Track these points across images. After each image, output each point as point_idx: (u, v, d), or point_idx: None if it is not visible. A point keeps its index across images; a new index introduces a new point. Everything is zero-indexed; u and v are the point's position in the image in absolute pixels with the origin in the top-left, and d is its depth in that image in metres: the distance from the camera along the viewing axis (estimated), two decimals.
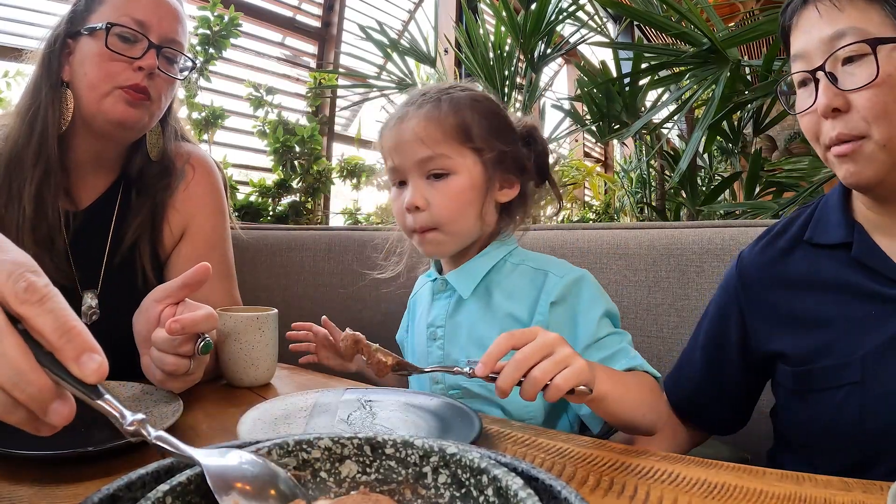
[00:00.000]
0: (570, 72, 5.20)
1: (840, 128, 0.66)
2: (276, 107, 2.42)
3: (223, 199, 1.05)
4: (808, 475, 0.52)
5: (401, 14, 3.58)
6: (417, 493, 0.36)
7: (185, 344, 0.66)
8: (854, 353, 0.68)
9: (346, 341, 0.67)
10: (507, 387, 0.56)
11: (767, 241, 0.82)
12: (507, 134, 0.87)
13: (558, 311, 0.81)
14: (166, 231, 0.96)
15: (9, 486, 0.49)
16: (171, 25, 0.89)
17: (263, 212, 2.32)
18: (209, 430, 0.65)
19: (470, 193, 0.83)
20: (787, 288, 0.77)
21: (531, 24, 2.09)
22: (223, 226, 1.04)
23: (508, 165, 0.86)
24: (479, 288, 0.86)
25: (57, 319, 0.38)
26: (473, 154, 0.84)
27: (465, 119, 0.83)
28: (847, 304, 0.71)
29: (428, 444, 0.37)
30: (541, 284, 0.83)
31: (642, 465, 0.55)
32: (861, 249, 0.71)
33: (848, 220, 0.74)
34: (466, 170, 0.83)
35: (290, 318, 1.00)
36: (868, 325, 0.69)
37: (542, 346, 0.58)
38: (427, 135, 0.82)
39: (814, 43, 0.68)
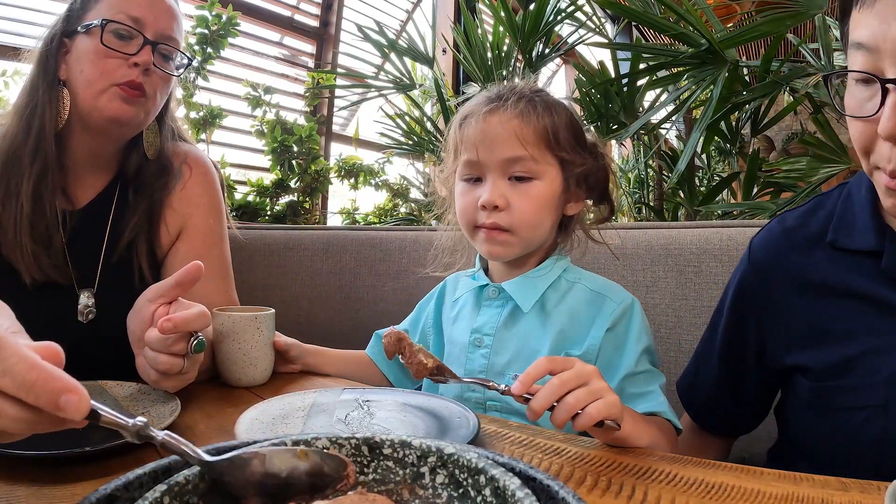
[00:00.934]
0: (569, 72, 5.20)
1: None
2: (274, 106, 2.42)
3: (220, 198, 1.05)
4: (806, 475, 0.52)
5: (399, 14, 3.58)
6: (415, 494, 0.36)
7: (178, 343, 0.66)
8: (878, 374, 0.63)
9: (390, 338, 0.66)
10: (541, 409, 0.57)
11: (783, 233, 0.74)
12: (585, 148, 0.87)
13: (609, 337, 0.81)
14: (163, 230, 0.95)
15: (6, 486, 0.49)
16: (166, 22, 0.89)
17: (261, 211, 2.32)
18: (207, 430, 0.65)
19: (550, 201, 0.83)
20: (807, 292, 0.70)
21: (529, 24, 2.09)
22: (220, 225, 1.03)
23: (581, 179, 0.86)
24: (536, 303, 0.85)
25: (14, 379, 0.36)
26: (558, 162, 0.84)
27: (556, 125, 0.83)
28: (873, 319, 0.64)
29: (426, 444, 0.37)
30: (598, 308, 0.83)
31: (640, 465, 0.55)
32: (893, 261, 0.63)
33: (878, 225, 0.65)
34: (550, 177, 0.83)
35: (288, 319, 1.01)
36: (894, 344, 0.63)
37: (579, 375, 0.58)
38: (522, 134, 0.81)
39: (891, 40, 0.55)
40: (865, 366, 0.64)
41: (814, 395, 0.69)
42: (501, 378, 0.83)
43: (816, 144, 1.61)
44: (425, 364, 0.63)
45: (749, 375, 0.79)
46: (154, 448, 0.58)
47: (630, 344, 0.80)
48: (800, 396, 0.72)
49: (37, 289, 0.84)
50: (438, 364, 0.64)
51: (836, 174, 1.55)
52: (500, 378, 0.83)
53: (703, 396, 0.85)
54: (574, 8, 2.12)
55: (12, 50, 0.98)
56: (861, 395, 0.64)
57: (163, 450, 0.37)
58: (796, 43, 1.77)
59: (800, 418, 0.73)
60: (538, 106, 0.83)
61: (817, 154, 1.60)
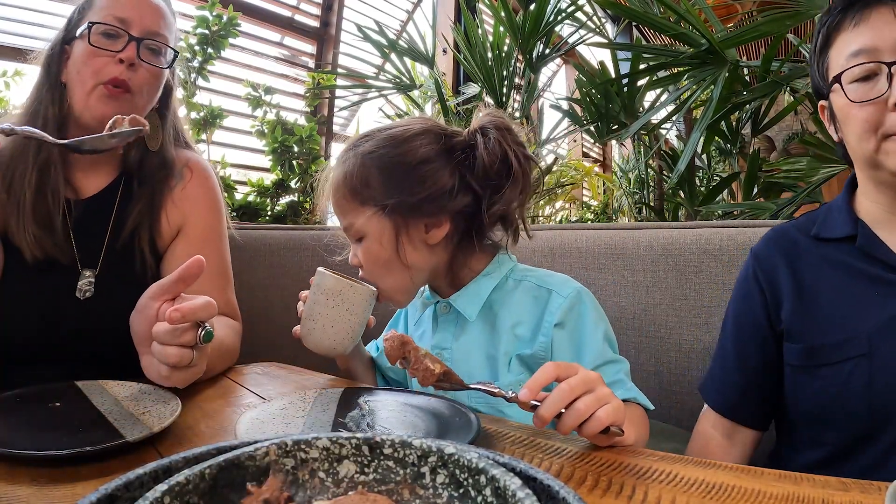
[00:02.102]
0: (569, 72, 5.20)
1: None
2: (274, 107, 2.42)
3: (220, 200, 1.07)
4: (806, 475, 0.52)
5: (399, 14, 3.58)
6: (415, 494, 0.36)
7: (186, 333, 0.67)
8: (861, 327, 0.74)
9: (393, 342, 0.62)
10: (549, 416, 0.57)
11: (777, 232, 0.88)
12: (414, 178, 0.82)
13: (561, 333, 0.81)
14: (164, 221, 0.98)
15: (6, 485, 0.49)
16: (152, 19, 0.93)
17: (262, 212, 2.32)
18: (207, 429, 0.65)
19: (382, 252, 0.83)
20: (796, 263, 0.83)
21: (530, 24, 2.09)
22: (219, 225, 1.05)
23: (426, 208, 0.82)
24: (483, 308, 0.85)
25: None
26: (375, 209, 0.82)
27: (362, 177, 0.82)
28: (852, 286, 0.77)
29: (426, 444, 0.37)
30: (544, 303, 0.83)
31: (640, 464, 0.55)
32: (865, 240, 0.78)
33: (852, 216, 0.81)
34: (372, 227, 0.83)
35: (289, 318, 1.00)
36: (872, 305, 0.75)
37: (586, 381, 0.58)
38: (337, 204, 0.85)
39: (889, 41, 0.72)
40: (849, 323, 0.76)
41: (803, 357, 0.79)
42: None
43: (817, 144, 1.61)
44: (433, 370, 0.60)
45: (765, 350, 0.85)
46: (154, 448, 0.58)
47: (587, 336, 0.81)
48: (791, 364, 0.82)
49: (39, 266, 0.88)
50: (446, 370, 0.61)
51: (836, 174, 1.55)
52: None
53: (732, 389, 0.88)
54: (574, 8, 2.12)
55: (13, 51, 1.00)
56: (847, 347, 0.75)
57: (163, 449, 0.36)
58: (796, 43, 1.77)
59: (793, 386, 0.82)
60: (345, 166, 0.84)
61: (817, 154, 1.60)
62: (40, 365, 0.86)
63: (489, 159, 0.82)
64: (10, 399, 0.67)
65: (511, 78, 2.27)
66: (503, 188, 0.83)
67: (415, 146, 0.83)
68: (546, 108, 2.70)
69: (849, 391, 0.74)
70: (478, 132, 0.84)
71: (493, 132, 0.83)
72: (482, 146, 0.83)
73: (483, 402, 0.82)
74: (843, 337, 0.75)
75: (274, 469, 0.36)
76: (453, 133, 0.86)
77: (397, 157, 0.83)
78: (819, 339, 0.78)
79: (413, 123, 0.87)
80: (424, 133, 0.84)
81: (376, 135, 0.86)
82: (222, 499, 0.34)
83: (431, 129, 0.85)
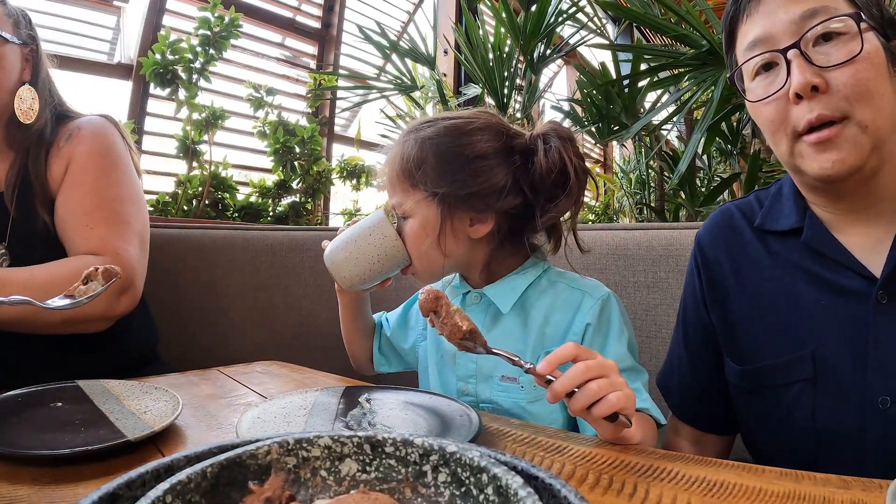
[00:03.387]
0: (570, 73, 5.20)
1: (820, 108, 0.61)
2: (276, 107, 2.42)
3: (111, 151, 1.08)
4: (808, 473, 0.52)
5: (400, 15, 3.59)
6: (417, 492, 0.36)
7: None
8: (805, 348, 0.67)
9: (428, 294, 0.62)
10: (563, 391, 0.58)
11: (724, 215, 0.80)
12: (468, 171, 0.83)
13: (590, 333, 0.82)
14: (50, 181, 1.02)
15: (8, 485, 0.49)
16: None
17: (263, 212, 2.33)
18: (209, 428, 0.65)
19: (423, 234, 0.84)
20: (739, 259, 0.75)
21: (531, 25, 2.10)
22: (98, 169, 1.05)
23: (475, 203, 0.83)
24: (516, 304, 0.86)
25: None
26: (426, 194, 0.83)
27: (418, 160, 0.84)
28: (797, 291, 0.69)
29: (428, 442, 0.37)
30: (577, 305, 0.84)
31: (642, 462, 0.55)
32: (813, 233, 0.69)
33: (801, 207, 0.71)
34: (419, 210, 0.84)
35: (290, 318, 1.01)
36: (817, 316, 0.67)
37: (602, 366, 0.60)
38: (390, 181, 0.87)
39: (781, 25, 0.64)
40: (791, 340, 0.68)
41: (745, 377, 0.73)
42: (490, 381, 0.85)
43: None
44: (460, 326, 0.59)
45: (707, 359, 0.81)
46: (156, 447, 0.58)
47: (612, 339, 0.81)
48: (734, 384, 0.76)
49: None
50: (473, 328, 0.60)
51: None
52: (488, 381, 0.85)
53: (691, 396, 0.85)
54: (575, 9, 2.12)
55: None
56: (789, 371, 0.68)
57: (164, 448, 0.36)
58: None
59: (740, 408, 0.77)
60: (403, 146, 0.86)
61: None
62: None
63: (547, 167, 0.83)
64: (12, 399, 0.67)
65: (512, 79, 2.28)
66: (557, 197, 0.84)
67: (474, 140, 0.84)
68: (547, 108, 2.71)
69: (794, 417, 0.67)
70: (539, 138, 0.85)
71: (554, 140, 0.84)
72: (542, 152, 0.84)
73: (506, 398, 0.83)
74: (786, 358, 0.68)
75: (276, 468, 0.36)
76: (515, 134, 0.87)
77: (455, 148, 0.84)
78: (760, 358, 0.71)
79: (477, 117, 0.88)
80: (486, 128, 0.86)
81: (440, 122, 0.87)
82: (224, 497, 0.34)
83: (494, 125, 0.86)
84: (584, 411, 0.59)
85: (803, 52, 0.62)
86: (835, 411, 0.65)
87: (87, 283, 0.72)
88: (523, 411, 0.82)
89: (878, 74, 0.61)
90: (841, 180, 0.64)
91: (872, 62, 0.61)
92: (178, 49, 2.06)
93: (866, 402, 0.63)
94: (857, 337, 0.64)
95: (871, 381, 0.63)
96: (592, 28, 2.18)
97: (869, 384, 0.63)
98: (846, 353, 0.64)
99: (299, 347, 1.42)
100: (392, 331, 1.05)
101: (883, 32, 0.63)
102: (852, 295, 0.65)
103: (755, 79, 0.68)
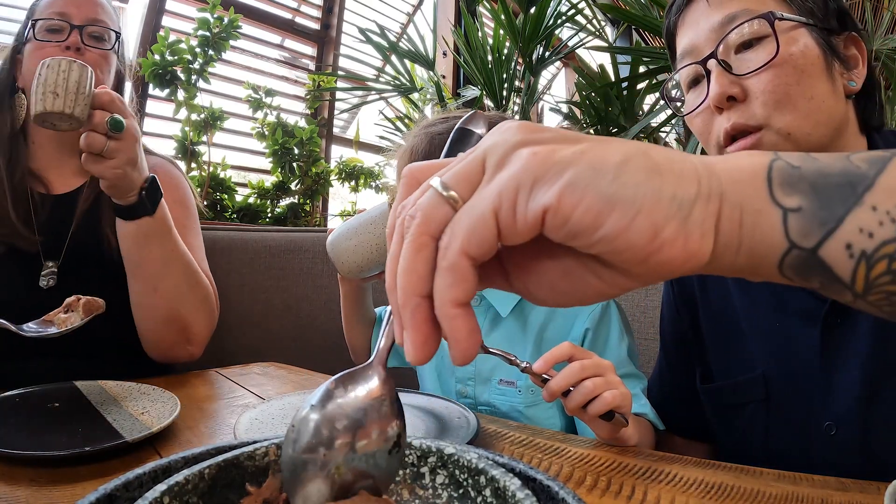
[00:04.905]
0: (569, 75, 5.20)
1: (736, 117, 0.59)
2: (275, 109, 2.42)
3: (187, 196, 1.10)
4: (805, 475, 0.52)
5: (399, 17, 3.59)
6: (415, 494, 0.36)
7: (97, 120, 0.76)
8: (757, 369, 0.66)
9: None
10: (559, 389, 0.59)
11: None
12: None
13: (589, 338, 0.82)
14: None
15: (6, 486, 0.49)
16: (90, 10, 0.97)
17: (262, 213, 2.32)
18: (206, 429, 0.65)
19: None
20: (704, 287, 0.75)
21: (530, 27, 2.10)
22: (185, 217, 1.07)
23: None
24: (516, 308, 0.87)
25: None
26: None
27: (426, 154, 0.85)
28: (754, 307, 0.68)
29: (426, 444, 0.37)
30: (577, 310, 0.84)
31: (640, 465, 0.55)
32: None
33: None
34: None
35: (289, 320, 1.01)
36: (771, 334, 0.65)
37: (598, 366, 0.60)
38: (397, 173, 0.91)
39: (703, 34, 0.62)
40: (747, 359, 0.67)
41: (707, 396, 0.73)
42: (488, 384, 0.85)
43: None
44: None
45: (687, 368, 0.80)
46: (154, 448, 0.58)
47: (612, 344, 0.82)
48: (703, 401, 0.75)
49: (4, 255, 0.92)
50: None
51: None
52: (486, 384, 0.85)
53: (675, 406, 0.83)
54: (574, 11, 2.12)
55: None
56: (744, 390, 0.67)
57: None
58: None
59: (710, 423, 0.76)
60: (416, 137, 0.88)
61: None
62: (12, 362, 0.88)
63: None
64: (10, 399, 0.67)
65: (511, 81, 2.28)
66: None
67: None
68: (546, 111, 2.71)
69: (749, 438, 0.67)
70: None
71: None
72: None
73: (503, 401, 0.83)
74: (740, 378, 0.67)
75: (273, 469, 0.36)
76: None
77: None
78: (719, 377, 0.71)
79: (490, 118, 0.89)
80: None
81: (451, 120, 0.89)
82: (221, 499, 0.34)
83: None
84: (580, 410, 0.59)
85: (721, 61, 0.60)
86: (784, 434, 0.64)
87: (67, 313, 0.72)
88: (520, 415, 0.82)
89: (801, 78, 0.57)
90: None
91: (795, 65, 0.57)
92: (178, 50, 2.06)
93: (813, 426, 0.61)
94: (807, 359, 0.62)
95: (818, 405, 0.61)
96: (591, 30, 2.19)
97: (816, 408, 0.61)
98: (797, 374, 0.63)
99: (297, 349, 1.42)
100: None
101: (825, 27, 0.59)
102: (804, 315, 0.63)
103: (689, 93, 0.66)
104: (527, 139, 0.26)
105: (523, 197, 0.25)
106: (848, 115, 0.61)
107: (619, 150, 0.26)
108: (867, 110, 0.63)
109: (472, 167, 0.27)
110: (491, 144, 0.27)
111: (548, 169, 0.25)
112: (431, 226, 0.26)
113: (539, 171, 0.25)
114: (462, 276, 0.25)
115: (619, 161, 0.25)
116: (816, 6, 0.60)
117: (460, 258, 0.25)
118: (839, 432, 0.60)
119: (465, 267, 0.25)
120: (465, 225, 0.25)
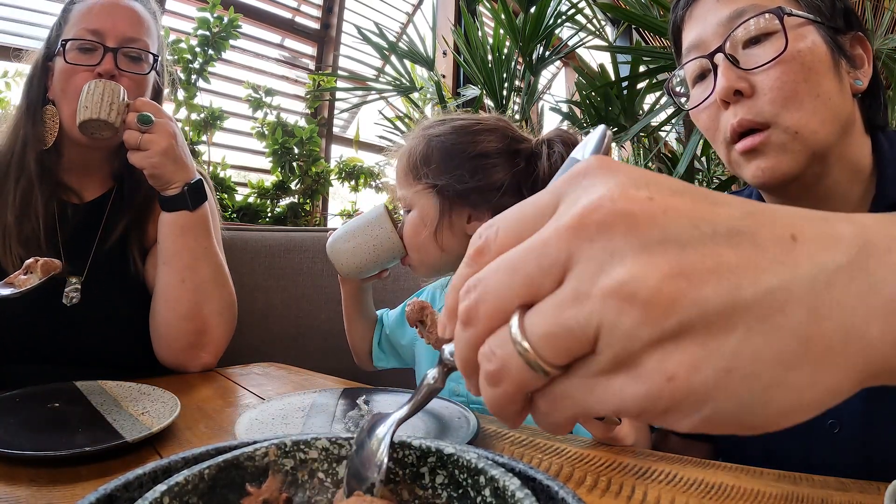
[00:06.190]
0: (569, 75, 5.20)
1: (742, 113, 0.58)
2: (274, 108, 2.42)
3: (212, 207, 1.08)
4: (805, 475, 0.52)
5: (399, 16, 3.59)
6: (414, 494, 0.36)
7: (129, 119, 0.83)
8: None
9: (414, 306, 0.64)
10: None
11: None
12: (469, 167, 0.85)
13: None
14: (151, 229, 0.98)
15: (6, 486, 0.49)
16: (127, 26, 0.90)
17: (262, 213, 2.32)
18: (207, 430, 0.65)
19: (421, 226, 0.86)
20: None
21: (530, 27, 2.10)
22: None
23: (473, 198, 0.85)
24: None
25: None
26: (426, 186, 0.86)
27: (425, 155, 0.86)
28: None
29: (425, 444, 0.37)
30: None
31: (640, 465, 0.55)
32: None
33: None
34: (420, 202, 0.87)
35: (289, 320, 1.01)
36: None
37: None
38: (397, 174, 0.91)
39: (710, 28, 0.61)
40: None
41: None
42: None
43: None
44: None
45: None
46: (154, 448, 0.58)
47: None
48: None
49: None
50: None
51: None
52: None
53: None
54: (574, 11, 2.12)
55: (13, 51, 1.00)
56: None
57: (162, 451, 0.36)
58: None
59: None
60: (414, 139, 0.89)
61: None
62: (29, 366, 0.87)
63: (549, 172, 0.84)
64: (10, 399, 0.67)
65: (511, 80, 2.28)
66: None
67: (479, 139, 0.87)
68: (546, 110, 2.71)
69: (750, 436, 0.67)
70: (544, 143, 0.87)
71: (558, 146, 0.86)
72: (545, 157, 0.85)
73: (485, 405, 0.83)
74: None
75: (273, 469, 0.36)
76: (521, 138, 0.89)
77: (459, 145, 0.87)
78: None
79: (486, 120, 0.91)
80: (493, 131, 0.88)
81: (449, 121, 0.90)
82: (221, 499, 0.34)
83: (502, 129, 0.89)
84: None
85: (729, 55, 0.59)
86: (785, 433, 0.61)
87: (27, 274, 0.73)
88: None
89: (809, 75, 0.57)
90: (778, 187, 0.61)
91: (803, 62, 0.57)
92: (178, 49, 2.06)
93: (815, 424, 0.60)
94: None
95: None
96: (591, 30, 2.19)
97: None
98: None
99: (297, 349, 1.42)
100: (391, 327, 1.07)
101: (832, 26, 0.59)
102: None
103: (695, 87, 0.66)
104: (649, 318, 0.19)
105: (646, 419, 0.21)
106: (854, 114, 0.61)
107: (779, 344, 0.19)
108: (872, 109, 0.62)
109: (568, 327, 0.20)
110: (601, 312, 0.19)
111: (682, 399, 0.19)
112: (519, 393, 0.23)
113: (671, 403, 0.20)
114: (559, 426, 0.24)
115: (774, 377, 0.19)
116: (824, 4, 0.60)
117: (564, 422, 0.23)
118: (842, 430, 0.59)
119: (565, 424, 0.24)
120: (573, 414, 0.22)
